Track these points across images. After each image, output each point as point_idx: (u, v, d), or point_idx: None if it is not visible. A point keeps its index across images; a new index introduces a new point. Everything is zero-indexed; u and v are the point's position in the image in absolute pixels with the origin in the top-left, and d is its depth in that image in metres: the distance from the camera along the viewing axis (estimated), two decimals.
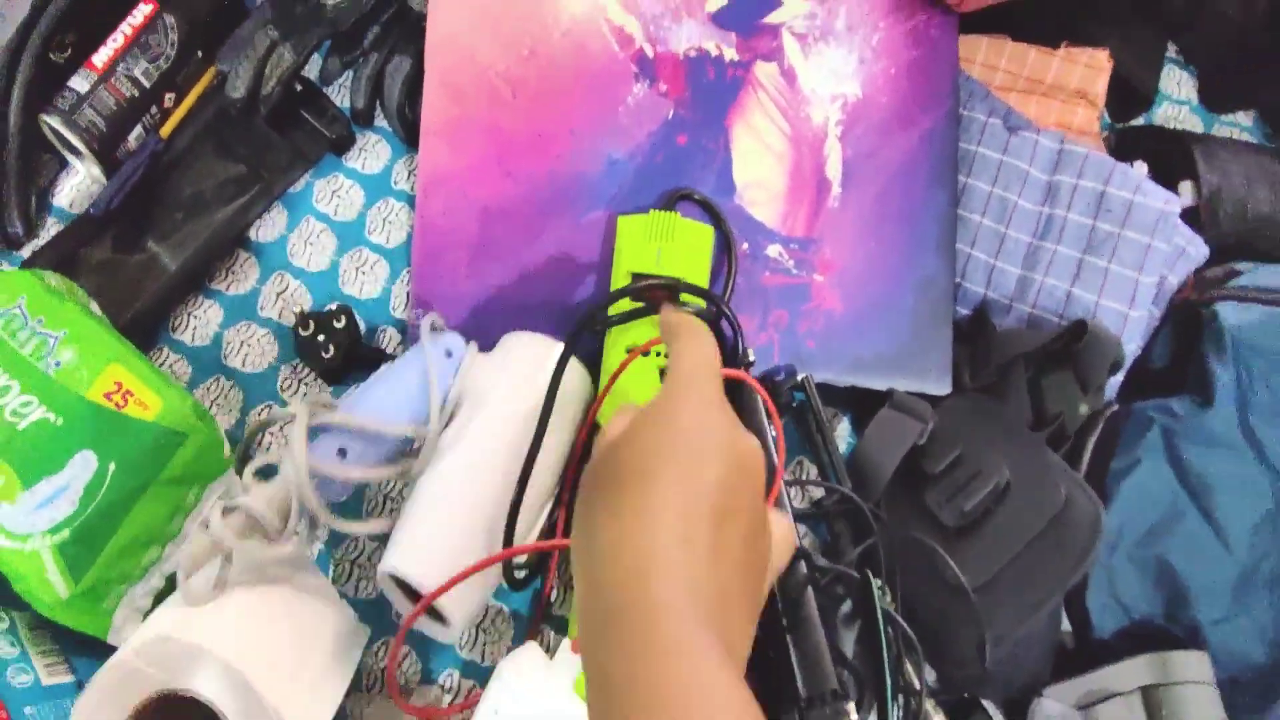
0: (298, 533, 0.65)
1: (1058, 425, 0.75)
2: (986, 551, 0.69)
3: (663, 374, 0.72)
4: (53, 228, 0.83)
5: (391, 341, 0.82)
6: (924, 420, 0.75)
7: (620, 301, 0.74)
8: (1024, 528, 0.69)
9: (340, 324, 0.78)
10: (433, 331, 0.73)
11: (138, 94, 0.81)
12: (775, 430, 0.70)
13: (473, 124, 0.81)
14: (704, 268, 0.76)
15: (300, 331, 0.77)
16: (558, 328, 0.74)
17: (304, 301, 0.83)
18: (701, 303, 0.74)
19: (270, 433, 0.79)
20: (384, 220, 0.85)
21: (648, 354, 0.72)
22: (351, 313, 0.78)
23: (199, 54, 0.85)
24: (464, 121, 0.81)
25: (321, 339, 0.77)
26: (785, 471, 0.79)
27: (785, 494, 0.69)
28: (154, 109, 0.83)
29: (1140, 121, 0.94)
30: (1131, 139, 0.91)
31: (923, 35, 0.84)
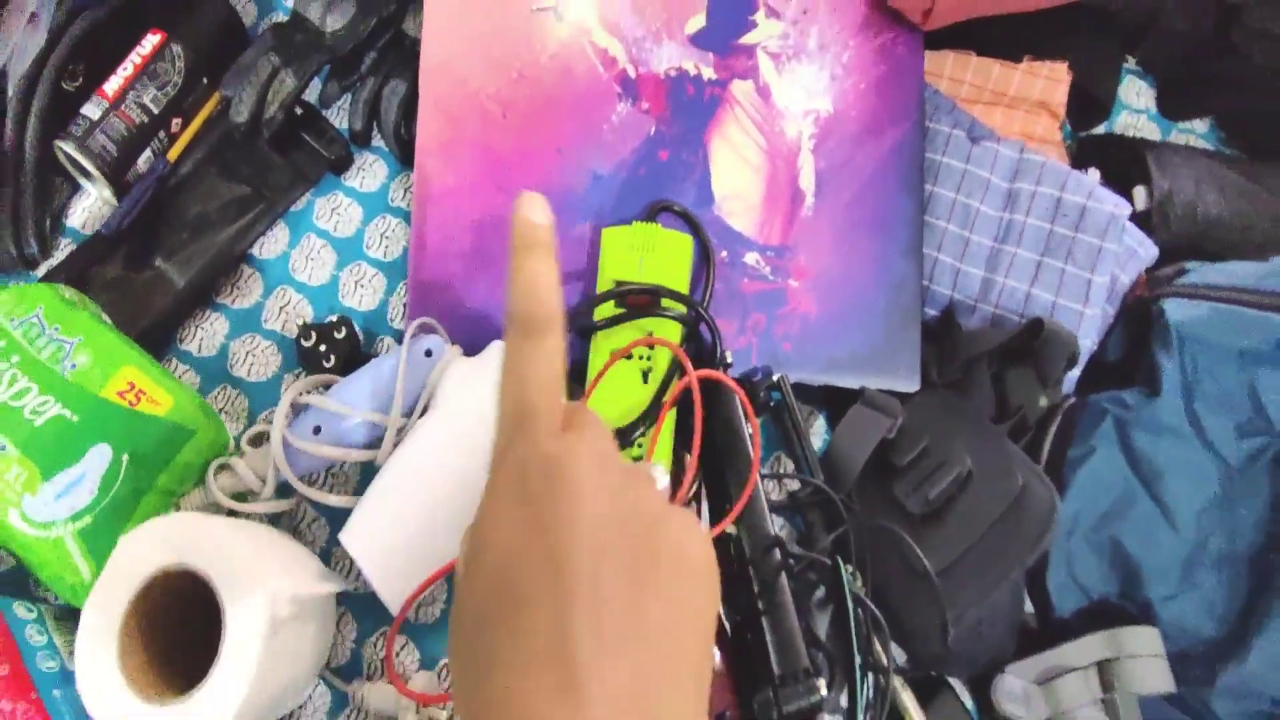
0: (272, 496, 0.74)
1: (1019, 417, 0.77)
2: (950, 537, 0.72)
3: (645, 377, 0.76)
4: (66, 247, 0.85)
5: (389, 351, 0.84)
6: (893, 416, 0.77)
7: (605, 309, 0.77)
8: (984, 514, 0.71)
9: (340, 334, 0.79)
10: (418, 333, 0.77)
11: (147, 120, 0.83)
12: (752, 428, 0.74)
13: (465, 143, 0.83)
14: (684, 275, 0.78)
15: (302, 342, 0.79)
16: None
17: (306, 314, 0.85)
18: (682, 308, 0.76)
19: None
20: (381, 236, 0.88)
21: (630, 357, 0.76)
22: (351, 324, 0.80)
23: (204, 80, 0.87)
24: (457, 141, 0.83)
25: (323, 349, 0.79)
26: (764, 466, 0.82)
27: (761, 488, 0.73)
28: (162, 133, 0.85)
29: (1101, 129, 0.96)
30: (1091, 146, 0.93)
31: (890, 52, 0.86)
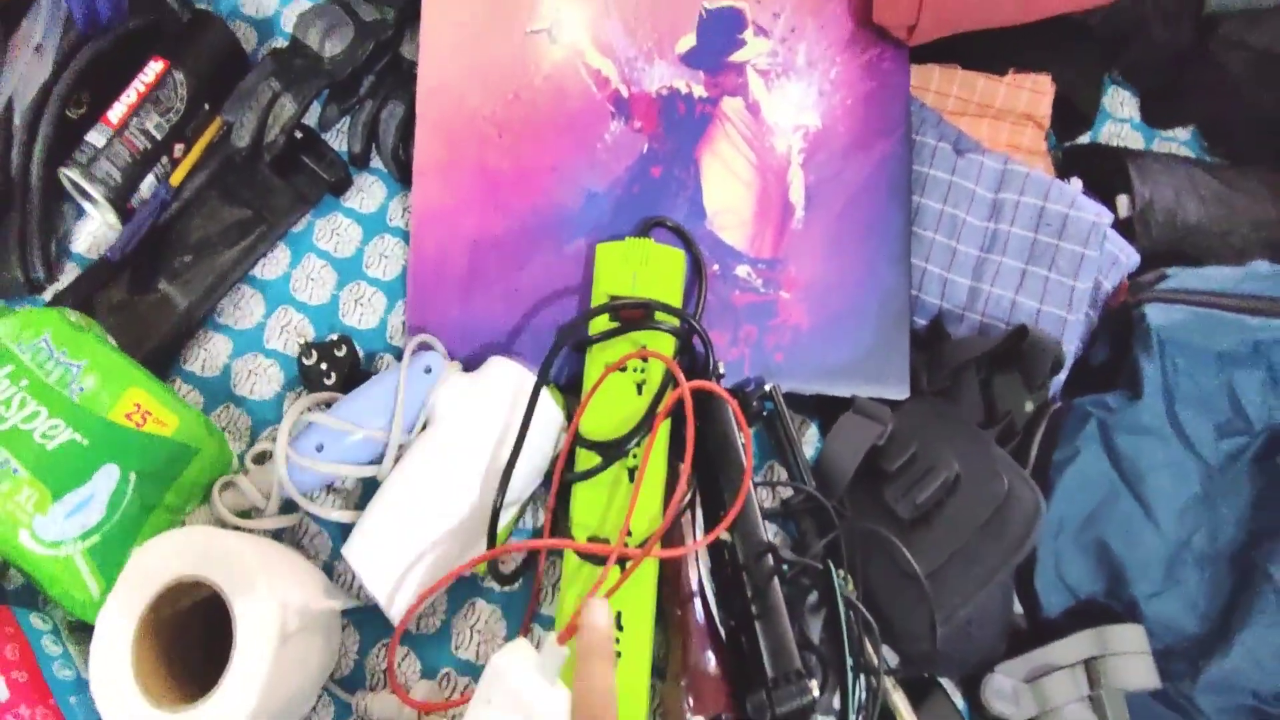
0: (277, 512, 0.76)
1: (1007, 422, 0.78)
2: (938, 540, 0.73)
3: (639, 389, 0.77)
4: (72, 272, 0.86)
5: (389, 368, 0.84)
6: (883, 423, 0.78)
7: (599, 322, 0.78)
8: (971, 517, 0.72)
9: (341, 353, 0.81)
10: (418, 350, 0.79)
11: (150, 146, 0.84)
12: (745, 437, 0.75)
13: (462, 164, 0.85)
14: (677, 289, 0.80)
15: (304, 361, 0.80)
16: (542, 350, 0.78)
17: (307, 333, 0.86)
18: (675, 321, 0.78)
19: None
20: (380, 255, 0.89)
21: (624, 369, 0.77)
22: (351, 342, 0.81)
23: (206, 106, 0.88)
24: (453, 162, 0.85)
25: (324, 367, 0.80)
26: (757, 474, 0.84)
27: (754, 496, 0.74)
28: (165, 159, 0.86)
29: (1085, 139, 0.97)
30: (1075, 156, 0.94)
31: (876, 68, 0.88)
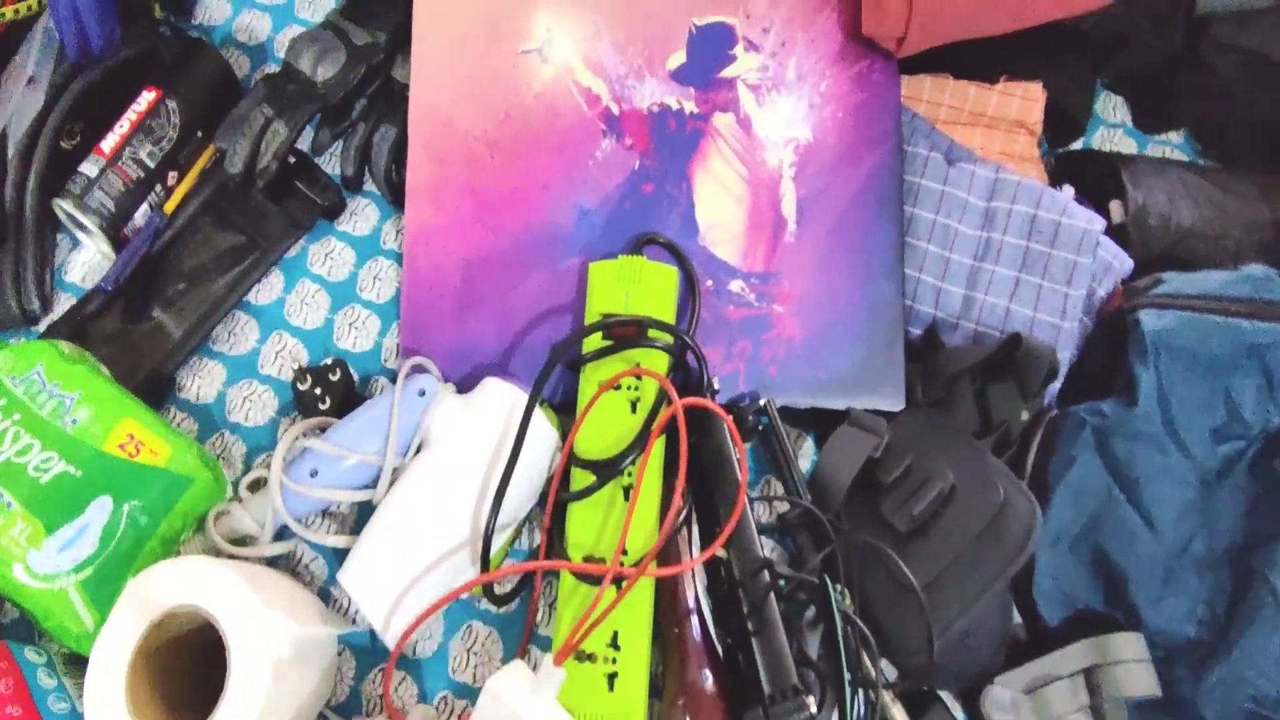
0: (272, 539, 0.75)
1: (1003, 431, 0.78)
2: (934, 551, 0.72)
3: (633, 406, 0.77)
4: (65, 302, 0.86)
5: (384, 392, 0.84)
6: (879, 435, 0.78)
7: (593, 341, 0.78)
8: (967, 527, 0.72)
9: (335, 377, 0.81)
10: (411, 373, 0.78)
11: (143, 174, 0.85)
12: (739, 452, 0.75)
13: (454, 184, 0.85)
14: (670, 306, 0.80)
15: (298, 386, 0.80)
16: (536, 370, 0.77)
17: (301, 357, 0.86)
18: (669, 338, 0.77)
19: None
20: (374, 278, 0.89)
21: (618, 388, 0.77)
22: (346, 366, 0.82)
23: (199, 134, 0.88)
24: (446, 182, 0.85)
25: (318, 392, 0.80)
26: (753, 489, 0.83)
27: (750, 511, 0.74)
28: (158, 187, 0.86)
29: (1078, 145, 0.97)
30: (1069, 162, 0.94)
31: (866, 80, 0.88)
